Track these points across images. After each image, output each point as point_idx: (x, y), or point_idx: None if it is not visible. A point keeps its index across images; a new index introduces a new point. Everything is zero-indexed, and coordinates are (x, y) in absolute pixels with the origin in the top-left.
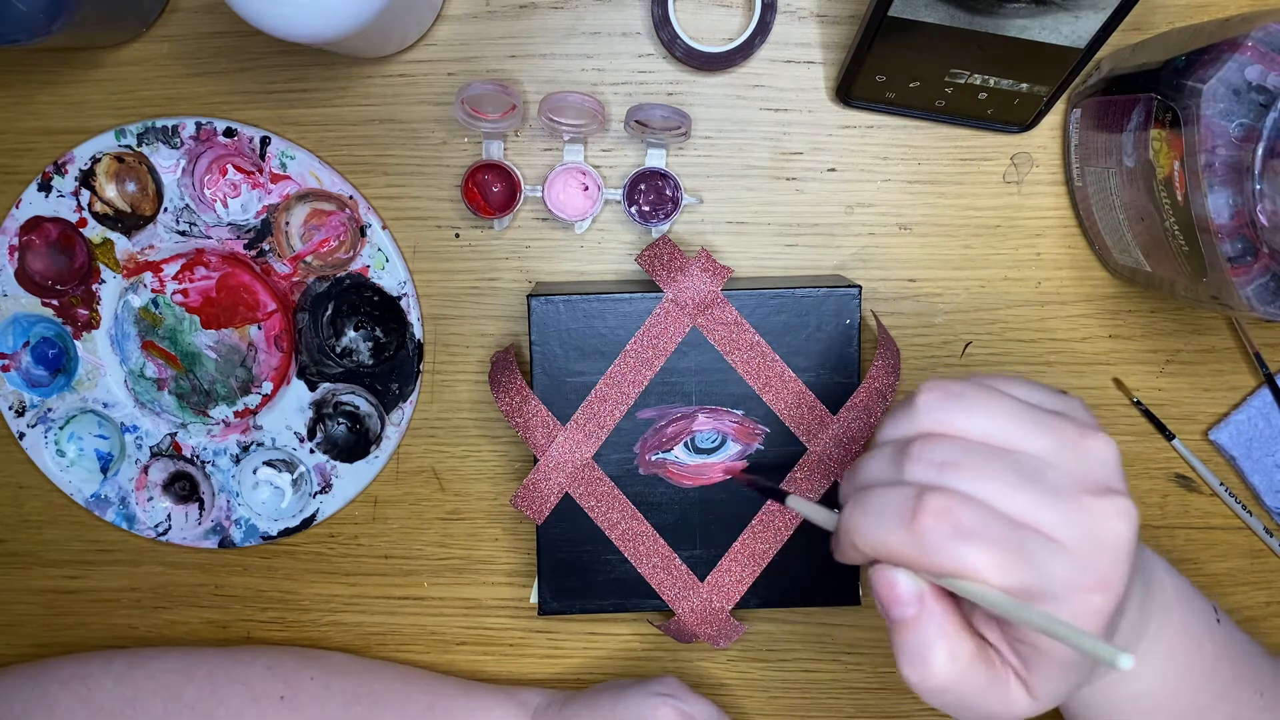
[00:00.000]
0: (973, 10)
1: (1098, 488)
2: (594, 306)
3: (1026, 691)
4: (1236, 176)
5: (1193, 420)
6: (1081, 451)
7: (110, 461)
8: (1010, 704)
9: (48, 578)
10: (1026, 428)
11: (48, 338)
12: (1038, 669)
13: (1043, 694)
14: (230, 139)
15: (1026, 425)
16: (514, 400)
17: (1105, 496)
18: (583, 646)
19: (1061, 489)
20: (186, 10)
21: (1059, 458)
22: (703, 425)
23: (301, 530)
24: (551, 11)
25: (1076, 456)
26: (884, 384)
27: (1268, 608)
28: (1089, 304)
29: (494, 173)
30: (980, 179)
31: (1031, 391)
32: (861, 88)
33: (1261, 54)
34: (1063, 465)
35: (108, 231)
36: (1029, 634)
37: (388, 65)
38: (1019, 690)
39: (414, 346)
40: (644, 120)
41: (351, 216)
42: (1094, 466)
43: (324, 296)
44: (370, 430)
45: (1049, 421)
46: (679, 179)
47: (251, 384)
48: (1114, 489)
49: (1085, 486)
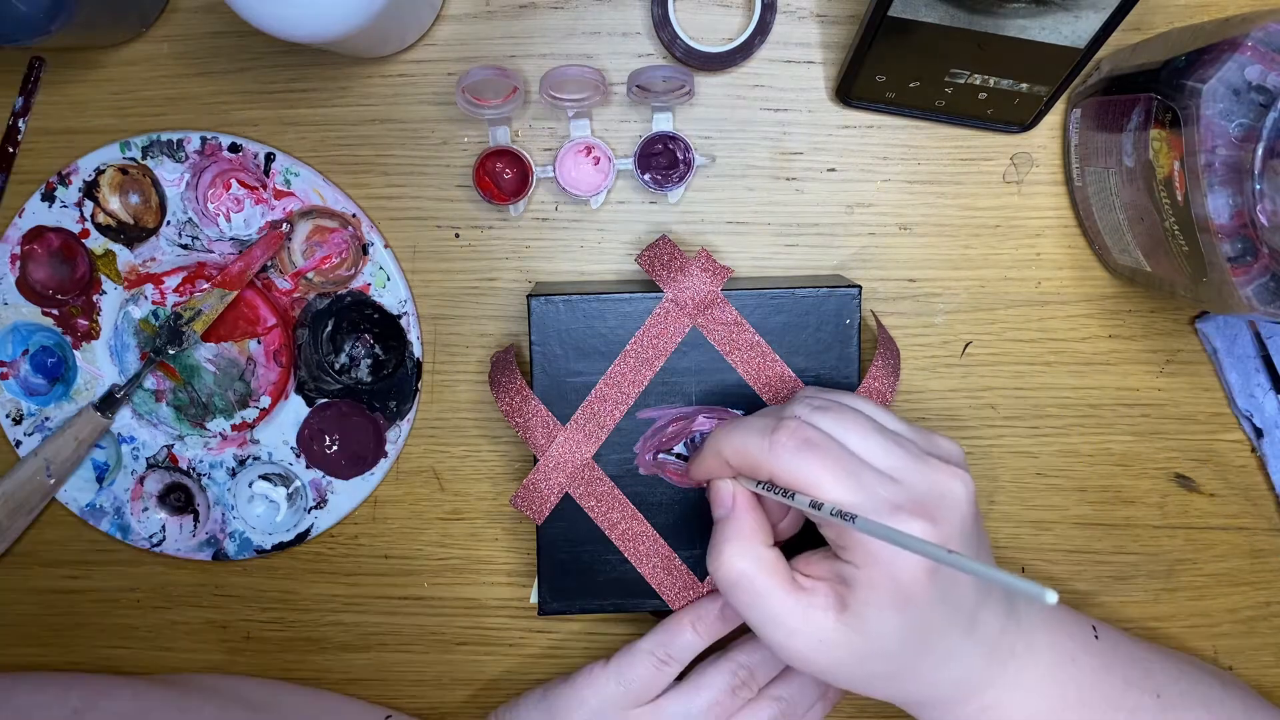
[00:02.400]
0: (973, 10)
1: (944, 456)
2: (594, 306)
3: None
4: (1236, 176)
5: (1193, 420)
6: (932, 440)
7: (106, 471)
8: (808, 621)
9: (48, 578)
10: (893, 419)
11: (47, 347)
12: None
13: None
14: (235, 154)
15: (893, 419)
16: (514, 400)
17: (949, 464)
18: (583, 646)
19: (911, 449)
20: (186, 10)
21: (914, 435)
22: (703, 425)
23: (295, 545)
24: (551, 11)
25: (928, 440)
26: (884, 384)
27: (1267, 608)
28: (1089, 304)
29: (504, 159)
30: (980, 179)
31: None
32: (861, 88)
33: (1261, 54)
34: (917, 439)
35: (110, 243)
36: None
37: (388, 65)
38: (823, 614)
39: (413, 365)
40: (646, 85)
41: (354, 234)
42: (943, 447)
43: (324, 313)
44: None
45: (910, 426)
46: (689, 140)
47: (249, 398)
48: (959, 464)
49: (932, 452)
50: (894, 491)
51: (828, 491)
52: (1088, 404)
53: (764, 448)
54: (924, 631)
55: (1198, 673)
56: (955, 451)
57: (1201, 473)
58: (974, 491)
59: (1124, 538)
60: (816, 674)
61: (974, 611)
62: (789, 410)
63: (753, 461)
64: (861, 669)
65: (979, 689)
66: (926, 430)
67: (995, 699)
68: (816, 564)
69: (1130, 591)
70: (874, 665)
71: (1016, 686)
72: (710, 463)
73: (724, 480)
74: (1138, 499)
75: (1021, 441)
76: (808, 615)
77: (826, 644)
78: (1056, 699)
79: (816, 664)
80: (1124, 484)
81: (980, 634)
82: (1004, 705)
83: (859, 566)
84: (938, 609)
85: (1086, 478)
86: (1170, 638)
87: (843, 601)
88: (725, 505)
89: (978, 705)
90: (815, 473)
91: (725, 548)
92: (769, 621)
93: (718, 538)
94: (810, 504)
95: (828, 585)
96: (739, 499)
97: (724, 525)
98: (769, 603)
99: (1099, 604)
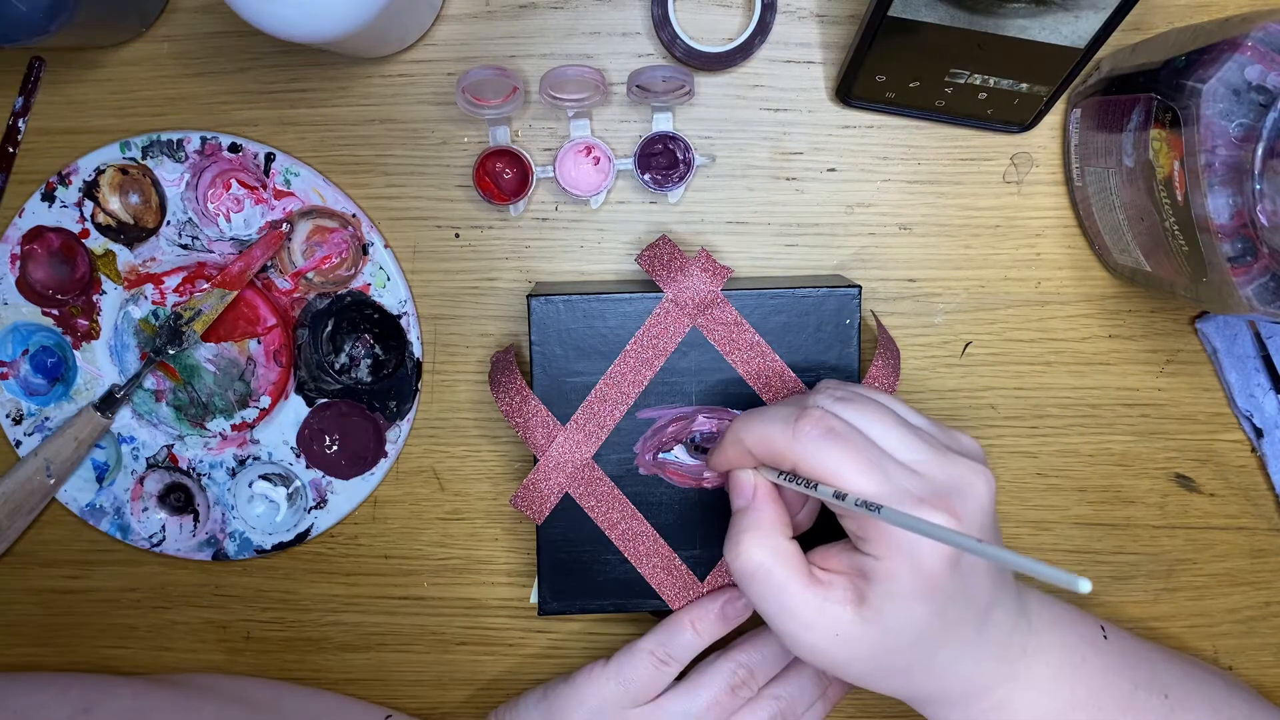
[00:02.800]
0: (973, 10)
1: (965, 452)
2: (594, 306)
3: (856, 610)
4: (1236, 176)
5: (1193, 420)
6: (953, 436)
7: (106, 471)
8: (825, 614)
9: (48, 578)
10: (914, 414)
11: (47, 347)
12: (877, 581)
13: (875, 609)
14: (235, 154)
15: (914, 413)
16: (514, 400)
17: (970, 459)
18: (583, 646)
19: (933, 444)
20: (186, 10)
21: (935, 430)
22: (703, 425)
23: (295, 545)
24: (551, 11)
25: (949, 435)
26: (884, 384)
27: (1267, 608)
28: (1089, 304)
29: (504, 159)
30: (980, 179)
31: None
32: (861, 88)
33: (1261, 54)
34: (938, 434)
35: (110, 243)
36: (876, 543)
37: (388, 65)
38: (840, 608)
39: (413, 365)
40: (645, 85)
41: (354, 234)
42: (964, 443)
43: (324, 313)
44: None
45: (931, 421)
46: (689, 140)
47: (249, 398)
48: (979, 460)
49: (953, 447)
50: (917, 484)
51: (851, 482)
52: (1088, 404)
53: (788, 436)
54: (940, 626)
55: (1203, 674)
56: (976, 448)
57: (1201, 473)
58: (995, 488)
59: (1124, 538)
60: (829, 668)
61: (988, 608)
62: (812, 400)
63: (776, 450)
64: (876, 663)
65: (989, 687)
66: (947, 426)
67: (1004, 697)
68: (834, 557)
69: (1130, 591)
70: (888, 659)
71: (1026, 685)
72: (731, 452)
73: (745, 470)
74: (1138, 499)
75: (1021, 441)
76: (824, 608)
77: (843, 638)
78: (1065, 698)
79: (831, 657)
80: (1124, 484)
81: (992, 632)
82: (1013, 703)
83: (880, 558)
84: (955, 604)
85: (1086, 478)
86: (1170, 638)
87: (861, 595)
88: (746, 495)
89: (987, 703)
90: (839, 462)
91: (744, 538)
92: (785, 614)
93: (736, 528)
94: (834, 494)
95: (846, 579)
96: (760, 489)
97: (743, 515)
98: (786, 595)
99: (1099, 604)
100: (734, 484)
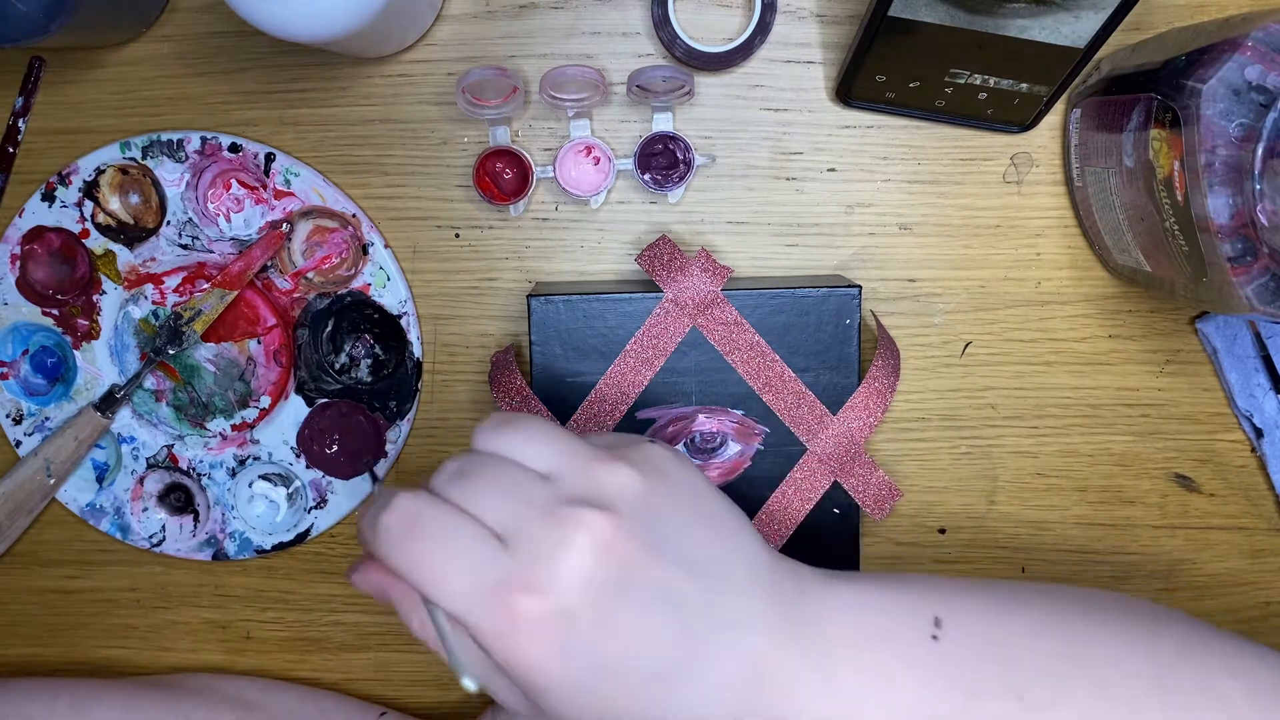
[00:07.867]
0: (973, 10)
1: (578, 500)
2: (594, 306)
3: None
4: (1236, 176)
5: (1193, 420)
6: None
7: (106, 471)
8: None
9: (48, 578)
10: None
11: (47, 346)
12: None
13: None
14: (235, 154)
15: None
16: (514, 400)
17: (579, 507)
18: None
19: (542, 500)
20: (186, 10)
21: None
22: (703, 425)
23: (295, 545)
24: (551, 11)
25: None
26: (884, 384)
27: (1267, 608)
28: (1089, 304)
29: (504, 159)
30: (980, 179)
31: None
32: (861, 88)
33: (1261, 54)
34: (566, 479)
35: (110, 243)
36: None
37: (388, 65)
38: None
39: (413, 365)
40: (646, 85)
41: (354, 234)
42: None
43: (324, 313)
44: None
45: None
46: (689, 140)
47: (249, 398)
48: (596, 503)
49: (569, 499)
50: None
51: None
52: (1088, 404)
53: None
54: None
55: (1095, 646)
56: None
57: (1201, 473)
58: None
59: (1124, 538)
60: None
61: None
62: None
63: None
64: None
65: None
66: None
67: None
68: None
69: (1130, 591)
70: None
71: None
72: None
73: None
74: (1138, 499)
75: (1021, 441)
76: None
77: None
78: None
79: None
80: (1124, 484)
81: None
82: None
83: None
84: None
85: (1086, 478)
86: None
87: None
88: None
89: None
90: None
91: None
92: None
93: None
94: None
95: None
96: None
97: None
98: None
99: None
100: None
